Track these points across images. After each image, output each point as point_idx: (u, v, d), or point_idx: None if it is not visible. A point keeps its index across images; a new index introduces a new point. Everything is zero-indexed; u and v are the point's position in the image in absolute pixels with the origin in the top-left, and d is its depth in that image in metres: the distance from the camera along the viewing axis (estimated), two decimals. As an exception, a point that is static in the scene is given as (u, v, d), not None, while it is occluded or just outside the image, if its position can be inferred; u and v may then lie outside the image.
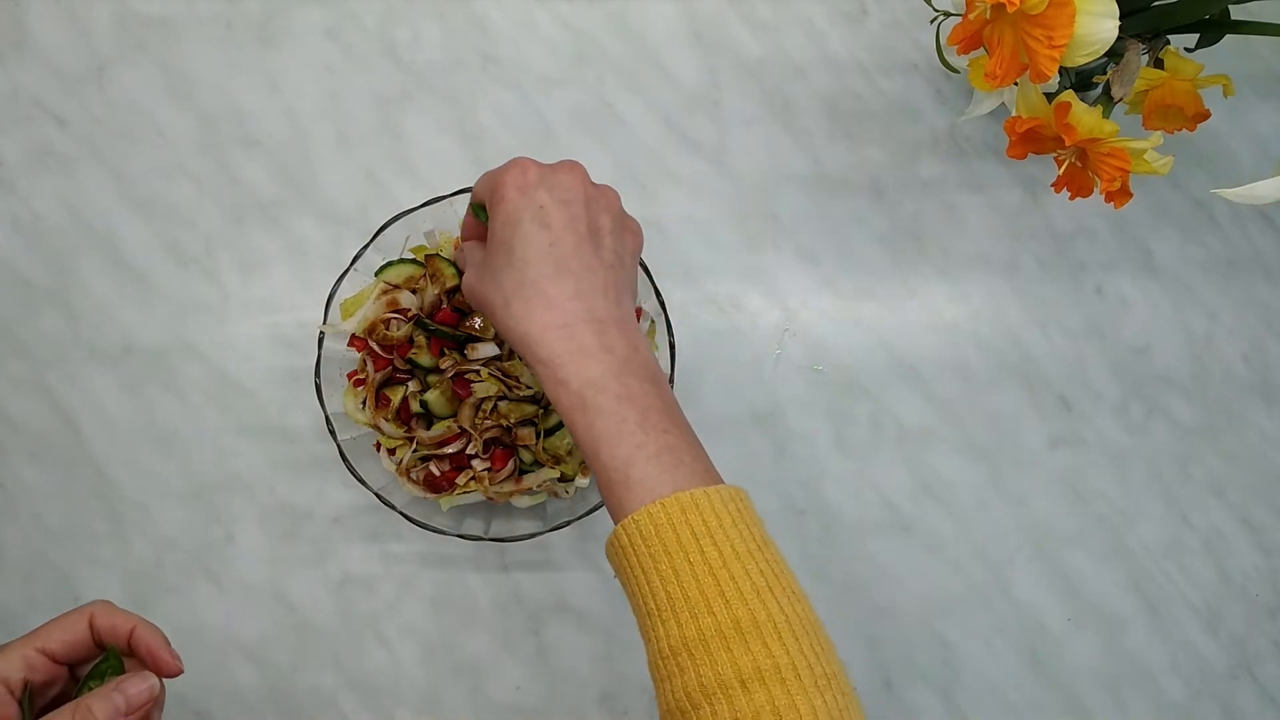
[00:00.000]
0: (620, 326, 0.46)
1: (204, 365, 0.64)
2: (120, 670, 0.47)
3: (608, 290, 0.47)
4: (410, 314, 0.58)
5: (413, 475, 0.59)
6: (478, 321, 0.57)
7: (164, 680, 0.47)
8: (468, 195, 0.58)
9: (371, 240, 0.58)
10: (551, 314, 0.45)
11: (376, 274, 0.58)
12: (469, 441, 0.57)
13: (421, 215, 0.59)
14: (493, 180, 0.48)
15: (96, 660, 0.47)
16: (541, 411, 0.58)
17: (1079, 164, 0.53)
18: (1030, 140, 0.53)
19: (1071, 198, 0.55)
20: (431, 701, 0.63)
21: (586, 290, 0.46)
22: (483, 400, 0.56)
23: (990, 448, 0.66)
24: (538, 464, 0.58)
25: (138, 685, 0.45)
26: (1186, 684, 0.65)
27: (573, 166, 0.49)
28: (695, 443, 0.46)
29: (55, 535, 0.62)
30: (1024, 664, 0.65)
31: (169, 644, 0.48)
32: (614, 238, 0.49)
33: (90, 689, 0.46)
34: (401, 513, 0.57)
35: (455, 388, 0.56)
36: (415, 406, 0.57)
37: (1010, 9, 0.45)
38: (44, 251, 0.64)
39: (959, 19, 0.51)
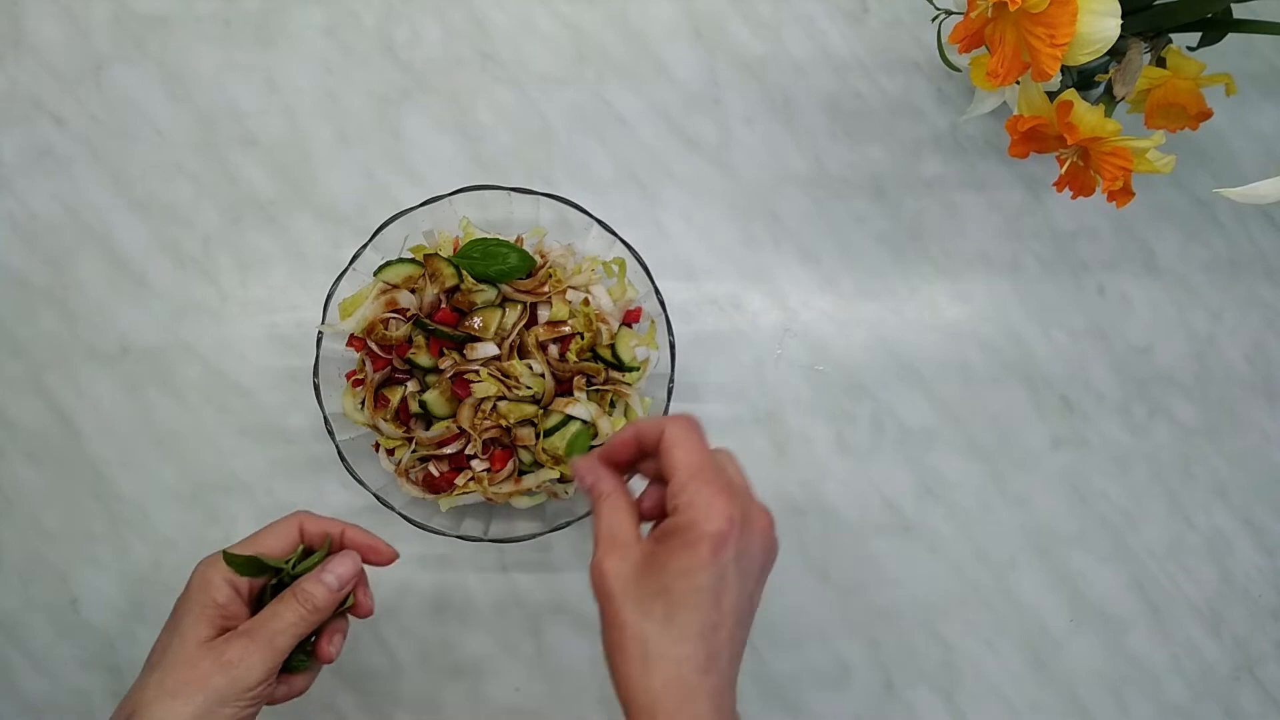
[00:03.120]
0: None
1: (202, 365, 0.64)
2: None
3: (734, 682, 0.44)
4: (409, 314, 0.57)
5: (412, 476, 0.58)
6: (477, 321, 0.56)
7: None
8: (467, 194, 0.58)
9: (370, 240, 0.58)
10: (684, 706, 0.42)
11: (375, 273, 0.58)
12: (468, 442, 0.57)
13: (420, 215, 0.58)
14: (693, 506, 0.43)
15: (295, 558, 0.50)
16: (541, 412, 0.57)
17: (1081, 163, 0.53)
18: (1032, 139, 0.53)
19: (1073, 197, 0.55)
20: (431, 702, 0.62)
21: (724, 687, 0.43)
22: (482, 400, 0.56)
23: (992, 448, 0.65)
24: (537, 464, 0.58)
25: (344, 564, 0.49)
26: (1188, 685, 0.65)
27: (765, 529, 0.45)
28: None
29: (53, 536, 0.62)
30: (1025, 665, 0.64)
31: (376, 538, 0.51)
32: (757, 605, 0.46)
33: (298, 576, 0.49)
34: (400, 514, 0.57)
35: (454, 388, 0.56)
36: (414, 407, 0.57)
37: (1012, 7, 0.45)
38: (42, 251, 0.64)
39: (960, 17, 0.51)
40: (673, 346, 0.59)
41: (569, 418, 0.57)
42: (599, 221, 0.59)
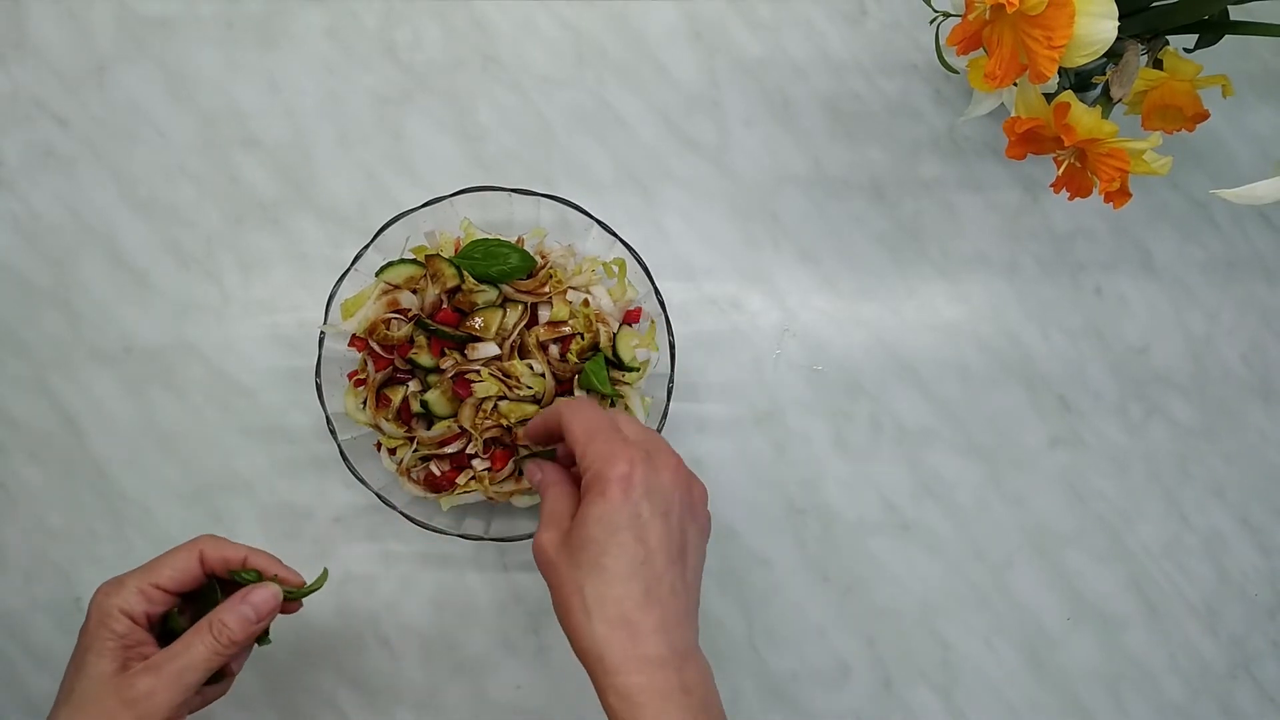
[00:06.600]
0: (695, 662, 0.45)
1: (204, 365, 0.64)
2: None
3: (687, 616, 0.45)
4: (411, 314, 0.58)
5: (413, 475, 0.59)
6: (478, 321, 0.57)
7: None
8: (468, 195, 0.59)
9: (372, 240, 0.58)
10: (634, 645, 0.43)
11: (377, 274, 0.58)
12: (469, 441, 0.57)
13: (422, 215, 0.59)
14: (594, 461, 0.46)
15: (205, 592, 0.50)
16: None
17: (1078, 164, 0.53)
18: (1029, 141, 0.53)
19: (1070, 198, 0.55)
20: (431, 701, 0.63)
21: (671, 621, 0.44)
22: (483, 400, 0.57)
23: (990, 448, 0.66)
24: (538, 464, 0.58)
25: (262, 594, 0.48)
26: (1186, 684, 0.65)
27: (675, 465, 0.47)
28: None
29: (56, 535, 0.62)
30: (1023, 664, 0.65)
31: (283, 563, 0.50)
32: (697, 553, 0.47)
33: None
34: (402, 512, 0.58)
35: (455, 388, 0.57)
36: (415, 406, 0.57)
37: (1009, 9, 0.45)
38: (45, 252, 0.64)
39: (958, 19, 0.51)
40: (672, 346, 0.59)
41: (569, 417, 0.57)
42: (599, 222, 0.59)
